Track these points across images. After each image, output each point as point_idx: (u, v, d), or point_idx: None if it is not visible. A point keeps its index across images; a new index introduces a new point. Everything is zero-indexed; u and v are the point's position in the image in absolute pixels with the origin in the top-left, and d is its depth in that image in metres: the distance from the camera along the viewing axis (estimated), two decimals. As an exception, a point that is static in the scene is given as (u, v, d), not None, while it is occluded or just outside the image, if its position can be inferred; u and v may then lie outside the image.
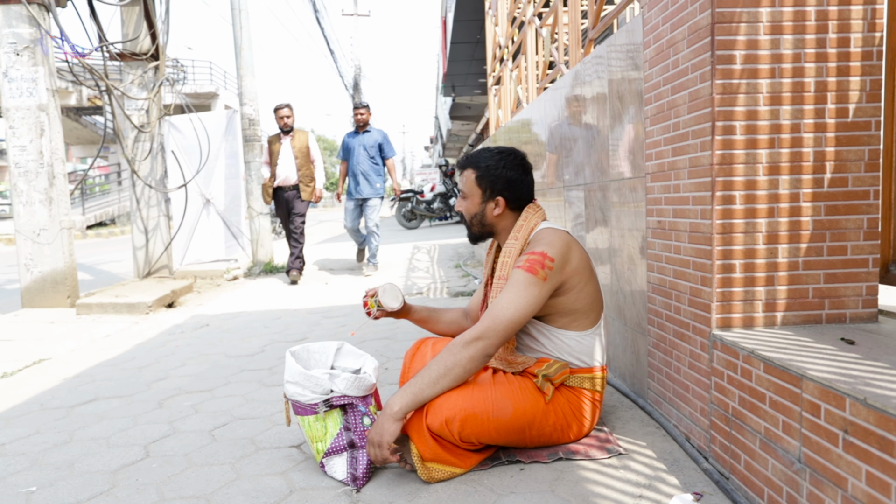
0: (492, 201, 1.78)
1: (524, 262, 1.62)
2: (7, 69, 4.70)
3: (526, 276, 1.59)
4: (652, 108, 1.86)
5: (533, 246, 1.67)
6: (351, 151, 5.94)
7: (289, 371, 1.68)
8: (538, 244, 1.66)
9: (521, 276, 1.60)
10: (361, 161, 5.86)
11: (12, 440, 2.08)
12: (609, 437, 1.77)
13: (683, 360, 1.72)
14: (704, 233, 1.57)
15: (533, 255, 1.62)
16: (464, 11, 9.45)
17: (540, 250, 1.62)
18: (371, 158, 5.89)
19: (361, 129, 5.94)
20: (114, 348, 3.46)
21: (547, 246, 1.64)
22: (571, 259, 1.66)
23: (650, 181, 1.90)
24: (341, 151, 6.13)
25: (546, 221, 1.78)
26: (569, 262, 1.65)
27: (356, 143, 5.91)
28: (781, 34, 1.51)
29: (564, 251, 1.65)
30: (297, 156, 5.68)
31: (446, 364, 1.55)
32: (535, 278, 1.59)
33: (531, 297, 1.58)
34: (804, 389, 1.18)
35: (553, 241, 1.66)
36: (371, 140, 5.92)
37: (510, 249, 1.74)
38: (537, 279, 1.59)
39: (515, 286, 1.59)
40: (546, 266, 1.60)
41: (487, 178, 1.76)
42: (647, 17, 1.89)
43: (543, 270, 1.60)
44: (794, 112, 1.52)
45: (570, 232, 1.81)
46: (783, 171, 1.53)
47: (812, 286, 1.55)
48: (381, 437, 1.52)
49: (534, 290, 1.59)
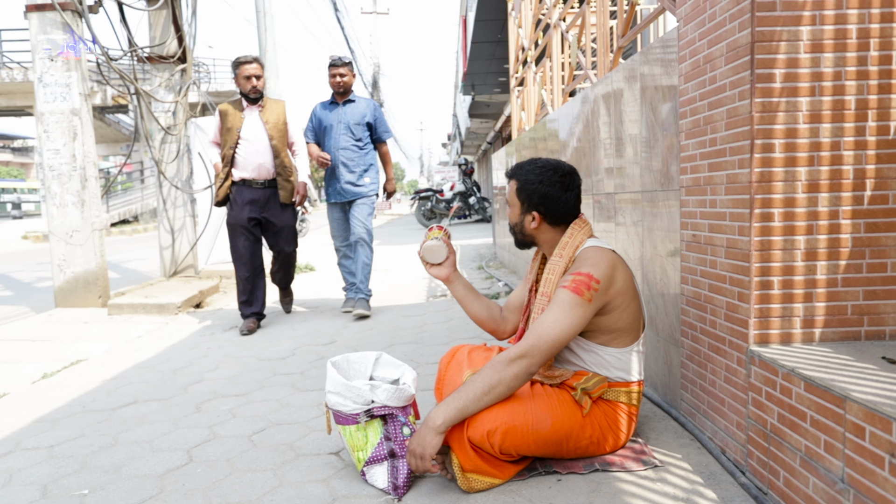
0: (528, 214, 1.81)
1: (570, 282, 1.64)
2: (42, 74, 4.81)
3: (572, 296, 1.61)
4: (687, 122, 1.87)
5: (579, 265, 1.69)
6: (327, 131, 4.13)
7: (330, 382, 1.73)
8: (584, 264, 1.68)
9: (566, 297, 1.62)
10: (342, 144, 4.10)
11: (60, 442, 2.15)
12: (644, 448, 1.79)
13: (719, 374, 1.74)
14: (742, 249, 1.58)
15: (579, 276, 1.63)
16: (485, 11, 9.44)
17: (586, 271, 1.64)
18: (357, 141, 4.12)
19: (341, 97, 4.14)
20: (147, 350, 3.54)
21: (593, 267, 1.65)
22: (616, 280, 1.68)
23: (685, 195, 1.92)
24: (310, 129, 4.26)
25: (592, 238, 1.79)
26: (613, 284, 1.67)
27: (334, 119, 4.12)
28: (822, 52, 1.51)
29: (610, 272, 1.66)
30: (273, 135, 3.78)
31: (490, 381, 1.57)
32: (580, 299, 1.61)
33: (576, 318, 1.61)
34: (848, 411, 1.20)
35: (599, 261, 1.67)
36: (356, 114, 4.12)
37: (554, 266, 1.76)
38: (582, 300, 1.61)
39: (561, 306, 1.61)
40: (592, 287, 1.62)
41: (525, 191, 1.79)
42: (682, 31, 1.90)
43: (589, 292, 1.61)
44: (833, 130, 1.52)
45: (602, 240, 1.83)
46: (822, 189, 1.54)
47: (851, 303, 1.55)
48: (423, 450, 1.56)
49: (578, 311, 1.61)
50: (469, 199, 13.95)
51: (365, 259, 4.11)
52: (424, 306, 4.53)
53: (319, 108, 4.26)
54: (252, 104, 3.84)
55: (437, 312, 4.22)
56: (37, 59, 4.81)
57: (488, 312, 2.07)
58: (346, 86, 4.14)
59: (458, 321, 3.88)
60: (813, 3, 1.50)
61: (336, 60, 4.15)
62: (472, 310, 2.07)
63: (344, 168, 4.13)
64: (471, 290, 2.07)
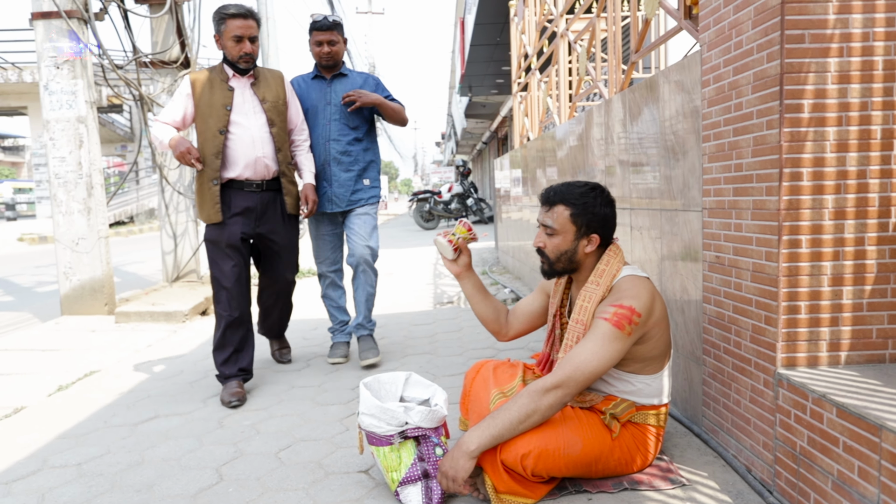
0: (585, 238, 1.78)
1: (612, 315, 1.65)
2: (48, 82, 4.80)
3: (613, 330, 1.63)
4: (711, 145, 1.91)
5: (619, 296, 1.70)
6: (310, 115, 3.10)
7: (364, 404, 1.75)
8: (625, 295, 1.69)
9: (607, 330, 1.63)
10: (333, 134, 3.08)
11: (87, 460, 2.17)
12: (670, 466, 1.83)
13: (744, 394, 1.77)
14: (770, 274, 1.62)
15: (622, 310, 1.65)
16: (485, 15, 9.47)
17: (629, 304, 1.65)
18: (353, 129, 3.11)
19: (328, 71, 3.14)
20: (159, 360, 3.55)
21: (634, 299, 1.67)
22: (655, 311, 1.71)
23: (707, 216, 1.95)
24: None
25: (627, 266, 1.80)
26: (652, 315, 1.70)
27: (319, 100, 3.10)
28: (849, 83, 1.55)
29: (650, 305, 1.68)
30: (273, 119, 2.83)
31: (527, 410, 1.60)
32: (621, 333, 1.63)
33: (614, 351, 1.63)
34: (884, 440, 1.24)
35: (640, 293, 1.69)
36: (353, 88, 3.08)
37: (591, 294, 1.77)
38: (622, 334, 1.63)
39: (601, 339, 1.63)
40: (633, 322, 1.64)
41: (585, 215, 1.76)
42: (705, 56, 1.93)
43: (630, 326, 1.64)
44: (860, 159, 1.56)
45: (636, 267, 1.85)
46: (849, 216, 1.58)
47: (876, 327, 1.60)
48: (456, 473, 1.59)
49: (617, 345, 1.63)
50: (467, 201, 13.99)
51: (369, 289, 3.20)
52: (433, 314, 4.56)
53: (299, 83, 3.14)
54: (241, 75, 2.78)
55: (447, 321, 4.25)
56: (42, 66, 4.80)
57: (494, 314, 2.11)
58: (334, 56, 3.09)
59: (468, 330, 3.91)
60: (840, 35, 1.54)
61: (320, 21, 3.05)
62: (479, 308, 2.11)
63: (336, 166, 3.10)
64: (480, 290, 2.10)
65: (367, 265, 3.16)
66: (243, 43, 2.72)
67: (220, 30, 2.73)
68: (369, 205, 3.22)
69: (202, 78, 2.77)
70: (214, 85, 2.75)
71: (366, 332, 3.26)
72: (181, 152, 2.66)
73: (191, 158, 2.67)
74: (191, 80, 2.75)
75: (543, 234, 1.82)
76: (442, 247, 2.04)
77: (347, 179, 3.14)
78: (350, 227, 3.18)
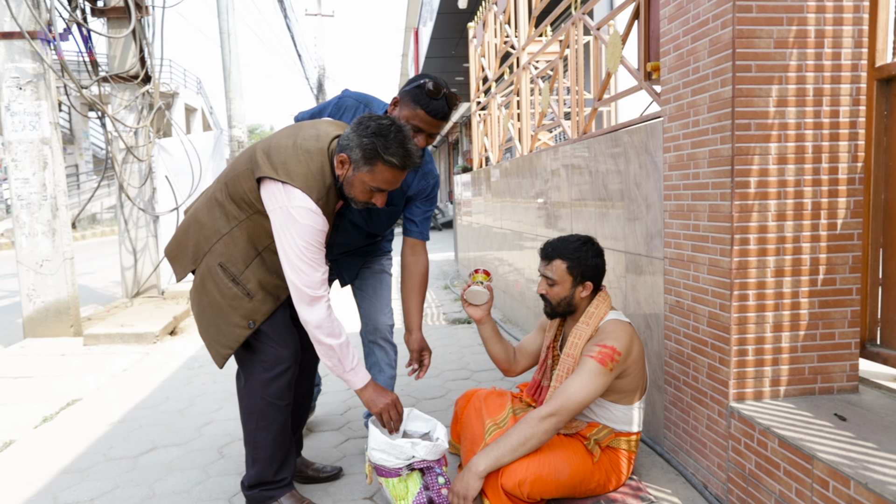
0: (580, 286, 2.07)
1: (597, 353, 1.92)
2: (10, 103, 4.74)
3: (598, 366, 1.90)
4: (672, 204, 2.20)
5: (604, 337, 1.97)
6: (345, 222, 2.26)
7: (374, 440, 1.96)
8: (608, 336, 1.97)
9: (593, 367, 1.91)
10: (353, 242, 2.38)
11: (98, 496, 2.28)
12: (640, 485, 2.11)
13: (701, 421, 2.07)
14: (723, 322, 1.92)
15: (605, 349, 1.92)
16: (441, 30, 9.72)
17: (611, 345, 1.93)
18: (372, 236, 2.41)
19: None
20: (140, 386, 3.62)
21: (616, 340, 1.95)
22: (633, 351, 1.99)
23: (668, 265, 2.25)
24: None
25: (613, 311, 2.09)
26: (631, 354, 1.98)
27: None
28: (786, 164, 1.86)
29: (629, 345, 1.97)
30: None
31: (525, 435, 1.86)
32: (604, 369, 1.91)
33: (599, 385, 1.91)
34: (815, 467, 1.54)
35: (621, 335, 1.97)
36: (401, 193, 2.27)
37: (581, 332, 2.05)
38: (606, 370, 1.91)
39: (588, 374, 1.90)
40: (615, 360, 1.92)
41: (579, 267, 2.04)
42: (666, 126, 2.22)
43: (612, 363, 1.92)
44: (795, 226, 1.88)
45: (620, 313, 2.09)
46: (787, 274, 1.89)
47: (808, 365, 1.92)
48: (467, 492, 1.83)
49: (602, 379, 1.91)
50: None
51: (390, 371, 2.57)
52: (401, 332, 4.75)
53: None
54: None
55: (439, 339, 4.46)
56: (4, 87, 4.74)
57: (505, 354, 2.38)
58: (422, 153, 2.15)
59: (440, 349, 4.13)
60: (779, 125, 1.85)
61: (439, 101, 2.02)
62: (493, 350, 2.37)
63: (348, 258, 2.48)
64: (496, 333, 2.36)
65: (387, 341, 2.57)
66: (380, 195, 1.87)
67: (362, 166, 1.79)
68: (383, 257, 2.59)
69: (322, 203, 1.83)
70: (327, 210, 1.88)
71: None
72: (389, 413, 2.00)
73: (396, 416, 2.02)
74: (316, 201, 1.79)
75: (545, 284, 2.09)
76: (474, 295, 2.27)
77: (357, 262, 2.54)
78: (363, 290, 2.56)
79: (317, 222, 1.78)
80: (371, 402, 1.97)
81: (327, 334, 1.84)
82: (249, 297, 1.88)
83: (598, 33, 3.11)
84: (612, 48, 2.82)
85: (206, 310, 1.92)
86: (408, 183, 2.23)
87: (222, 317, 1.89)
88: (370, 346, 2.58)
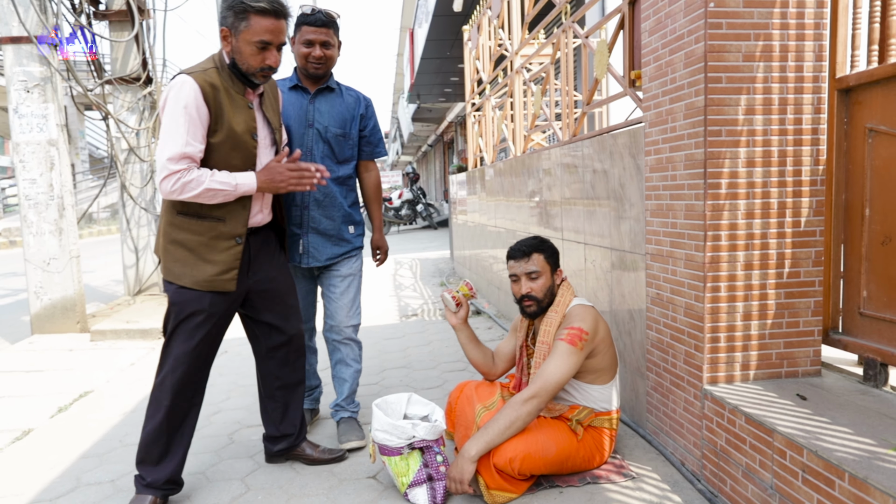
0: (556, 273, 2.29)
1: (566, 336, 2.11)
2: (18, 105, 4.88)
3: (568, 347, 2.08)
4: (653, 204, 2.38)
5: (571, 320, 2.16)
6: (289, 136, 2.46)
7: (377, 421, 2.12)
8: (575, 319, 2.16)
9: (564, 348, 2.09)
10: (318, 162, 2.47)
11: (118, 477, 2.44)
12: (622, 463, 2.29)
13: (679, 404, 2.25)
14: (697, 312, 2.09)
15: (573, 330, 2.11)
16: (437, 32, 9.87)
17: (578, 326, 2.12)
18: (341, 164, 2.57)
19: (314, 83, 2.52)
20: (149, 379, 3.75)
21: (582, 321, 2.14)
22: (599, 330, 2.17)
23: (650, 260, 2.42)
24: None
25: (577, 297, 2.29)
26: (598, 333, 2.16)
27: (299, 117, 2.48)
28: (754, 167, 2.03)
29: (595, 325, 2.15)
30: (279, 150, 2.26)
31: (511, 418, 2.02)
32: (574, 349, 2.08)
33: (572, 364, 2.08)
34: (775, 439, 1.71)
35: (586, 316, 2.16)
36: (339, 113, 2.53)
37: (551, 320, 2.22)
38: (576, 349, 2.08)
39: (561, 356, 2.08)
40: (583, 339, 2.10)
41: (552, 256, 2.29)
42: (647, 131, 2.40)
43: (581, 342, 2.09)
44: (763, 224, 2.05)
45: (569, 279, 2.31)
46: (755, 267, 2.06)
47: (775, 351, 2.10)
48: (462, 475, 1.99)
49: (574, 358, 2.08)
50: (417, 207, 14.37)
51: (356, 366, 2.69)
52: (401, 327, 4.93)
53: None
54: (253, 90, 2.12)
55: (416, 334, 4.63)
56: (12, 90, 4.88)
57: (484, 359, 2.54)
58: (327, 63, 2.46)
59: (437, 343, 4.31)
60: (748, 131, 2.02)
61: (313, 14, 2.37)
62: (472, 355, 2.53)
63: (316, 210, 2.50)
64: (473, 339, 2.53)
65: (350, 340, 2.66)
66: (269, 52, 1.98)
67: (239, 25, 1.95)
68: (353, 258, 2.64)
69: (212, 82, 1.96)
70: (235, 100, 2.02)
71: (348, 415, 2.70)
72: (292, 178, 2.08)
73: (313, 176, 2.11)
74: (199, 86, 1.92)
75: (528, 282, 2.25)
76: (447, 301, 2.46)
77: (329, 228, 2.54)
78: (330, 292, 2.60)
79: (189, 95, 1.91)
80: (270, 184, 2.07)
81: (193, 190, 1.93)
82: None
83: (586, 41, 3.28)
84: (599, 56, 2.99)
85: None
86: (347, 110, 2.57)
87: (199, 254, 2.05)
88: (335, 343, 2.68)
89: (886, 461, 1.47)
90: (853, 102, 2.05)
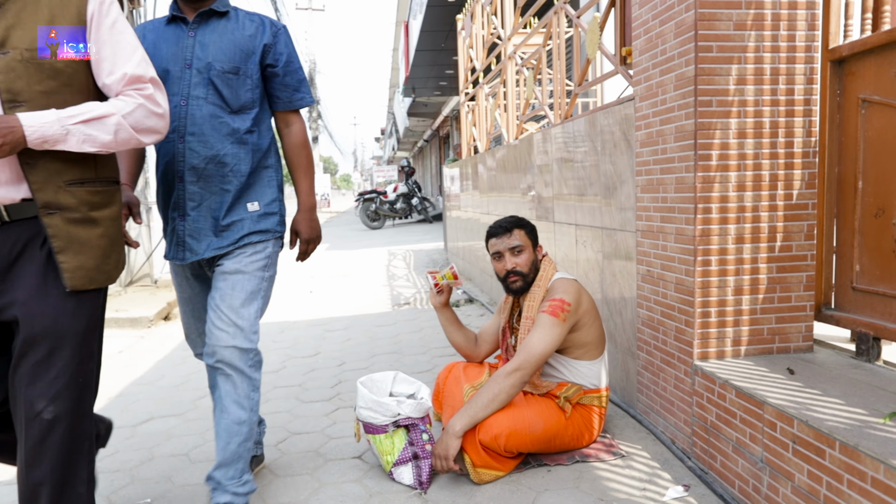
0: (536, 249, 2.28)
1: (548, 307, 2.08)
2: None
3: (551, 319, 2.05)
4: (643, 179, 2.34)
5: (553, 293, 2.13)
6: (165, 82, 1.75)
7: (362, 399, 2.08)
8: (556, 291, 2.13)
9: (547, 320, 2.05)
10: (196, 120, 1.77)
11: (100, 458, 2.38)
12: (612, 442, 2.25)
13: (669, 381, 2.21)
14: (688, 286, 2.06)
15: (555, 302, 2.08)
16: (431, 23, 9.82)
17: (560, 297, 2.09)
18: (235, 114, 1.82)
19: (192, 7, 1.81)
20: (136, 366, 3.73)
21: (564, 293, 2.11)
22: (583, 302, 2.14)
23: (640, 237, 2.38)
24: None
25: (559, 272, 2.26)
26: (581, 305, 2.13)
27: (174, 56, 1.79)
28: (745, 138, 2.00)
29: (577, 297, 2.12)
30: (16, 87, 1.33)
31: (494, 391, 1.99)
32: (557, 320, 2.05)
33: (555, 335, 2.04)
34: (765, 412, 1.68)
35: (568, 288, 2.13)
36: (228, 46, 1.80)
37: (534, 295, 2.19)
38: (559, 321, 2.05)
39: (543, 327, 2.05)
40: (565, 310, 2.06)
41: (532, 231, 2.27)
42: (637, 106, 2.36)
43: (563, 313, 2.06)
44: (754, 196, 2.02)
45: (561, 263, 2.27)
46: (746, 241, 2.03)
47: (766, 326, 2.06)
48: (447, 452, 1.95)
49: (557, 330, 2.05)
50: (412, 200, 14.32)
51: (239, 414, 1.84)
52: (393, 315, 4.89)
53: (144, 33, 1.86)
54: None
55: (408, 322, 4.59)
56: None
57: (466, 341, 2.50)
58: None
59: (428, 330, 4.27)
60: (739, 101, 1.98)
61: None
62: (454, 337, 2.50)
63: (197, 183, 1.82)
64: (453, 322, 2.49)
65: (230, 367, 1.81)
66: None
67: None
68: (251, 246, 1.86)
69: None
70: None
71: (226, 500, 1.81)
72: None
73: None
74: None
75: (511, 257, 2.21)
76: (430, 281, 2.45)
77: (215, 206, 1.83)
78: (210, 297, 1.84)
79: None
80: None
81: None
82: None
83: (578, 22, 3.24)
84: (590, 35, 2.95)
85: None
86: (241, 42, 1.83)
87: None
88: (212, 372, 1.87)
89: (878, 429, 1.44)
90: (846, 73, 2.01)
